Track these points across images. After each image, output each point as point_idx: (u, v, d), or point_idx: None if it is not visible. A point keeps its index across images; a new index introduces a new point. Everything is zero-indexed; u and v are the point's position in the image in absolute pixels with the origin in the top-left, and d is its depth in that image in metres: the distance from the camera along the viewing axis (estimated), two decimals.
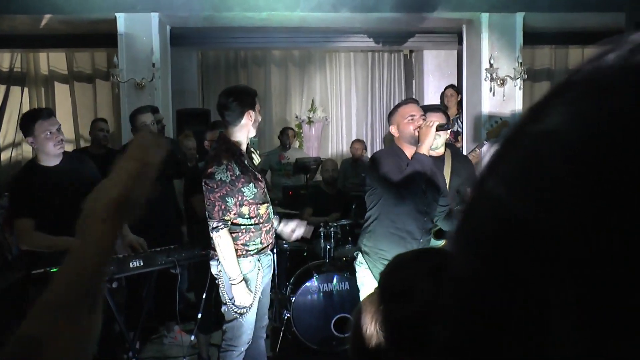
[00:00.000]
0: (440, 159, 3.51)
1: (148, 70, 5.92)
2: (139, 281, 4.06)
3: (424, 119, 3.18)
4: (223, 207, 3.17)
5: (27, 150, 8.72)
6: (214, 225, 3.17)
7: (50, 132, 3.50)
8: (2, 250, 5.11)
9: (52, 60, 8.67)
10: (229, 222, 3.21)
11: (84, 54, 8.62)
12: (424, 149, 3.09)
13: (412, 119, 3.17)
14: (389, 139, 8.28)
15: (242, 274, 3.24)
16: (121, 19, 6.03)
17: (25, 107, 8.66)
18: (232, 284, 3.22)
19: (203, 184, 3.23)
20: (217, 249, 3.21)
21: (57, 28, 6.77)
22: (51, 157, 3.60)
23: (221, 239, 3.18)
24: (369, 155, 7.99)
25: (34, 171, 3.63)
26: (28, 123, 3.52)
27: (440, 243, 3.41)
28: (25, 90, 8.68)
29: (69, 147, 7.78)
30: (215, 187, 3.16)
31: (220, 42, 7.67)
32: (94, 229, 0.87)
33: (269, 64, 9.30)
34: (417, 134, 3.14)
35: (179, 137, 5.88)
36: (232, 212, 3.22)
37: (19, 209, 3.59)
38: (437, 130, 3.12)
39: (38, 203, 3.53)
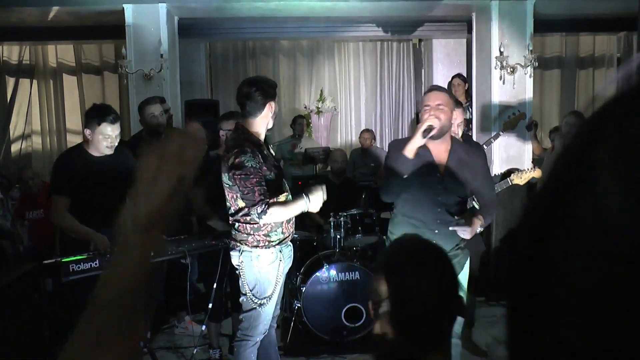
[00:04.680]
0: (470, 149, 3.42)
1: (156, 61, 5.91)
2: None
3: (440, 109, 3.07)
4: (262, 190, 3.13)
5: (36, 142, 8.76)
6: (260, 210, 3.10)
7: (109, 136, 3.72)
8: (13, 241, 5.14)
9: (60, 52, 8.69)
10: (269, 200, 3.17)
11: (92, 45, 8.64)
12: (406, 151, 3.05)
13: (425, 110, 3.13)
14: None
15: (305, 199, 3.23)
16: (129, 10, 6.01)
17: (35, 99, 8.70)
18: (309, 206, 3.21)
19: (233, 175, 3.17)
20: (284, 217, 3.21)
21: (65, 20, 6.76)
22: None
23: (273, 215, 3.14)
24: (378, 145, 7.99)
25: (80, 156, 3.82)
26: (95, 119, 3.73)
27: None
28: (34, 82, 8.71)
29: (77, 139, 7.81)
30: (249, 174, 3.12)
31: (229, 32, 7.64)
32: (135, 240, 0.88)
33: (278, 54, 9.27)
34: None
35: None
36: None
37: (58, 186, 3.77)
38: (423, 137, 3.03)
39: (76, 186, 3.69)
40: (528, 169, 4.19)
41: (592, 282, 0.36)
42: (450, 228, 3.09)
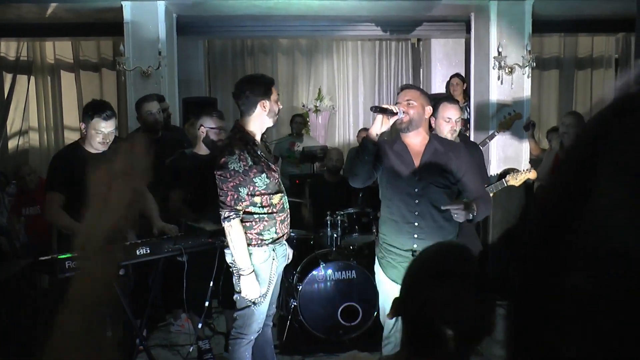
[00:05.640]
0: (450, 143, 3.45)
1: (154, 59, 5.90)
2: (145, 269, 4.06)
3: (409, 104, 3.14)
4: (236, 196, 3.15)
5: (33, 138, 8.74)
6: (226, 215, 3.14)
7: (101, 132, 3.71)
8: (10, 237, 5.14)
9: (58, 49, 8.67)
10: (241, 212, 3.19)
11: (90, 42, 8.61)
12: (368, 134, 3.16)
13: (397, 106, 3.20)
14: None
15: (253, 266, 3.21)
16: (127, 7, 6.00)
17: (32, 96, 8.68)
18: (241, 275, 3.19)
19: (216, 174, 3.19)
20: (228, 238, 3.19)
21: (63, 16, 6.75)
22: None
23: (232, 229, 3.15)
24: None
25: (76, 153, 3.82)
26: (89, 113, 3.75)
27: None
28: (32, 79, 8.69)
29: (74, 136, 7.79)
30: (228, 176, 3.13)
31: (227, 30, 7.64)
32: (94, 258, 0.89)
33: (276, 53, 9.26)
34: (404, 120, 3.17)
35: (185, 126, 5.87)
36: (244, 202, 3.20)
37: (53, 183, 3.77)
38: (372, 111, 3.15)
39: (72, 182, 3.68)
40: (523, 171, 4.18)
41: (598, 294, 0.36)
42: (443, 207, 3.07)
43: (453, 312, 1.29)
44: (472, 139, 6.02)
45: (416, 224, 3.13)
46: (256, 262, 3.26)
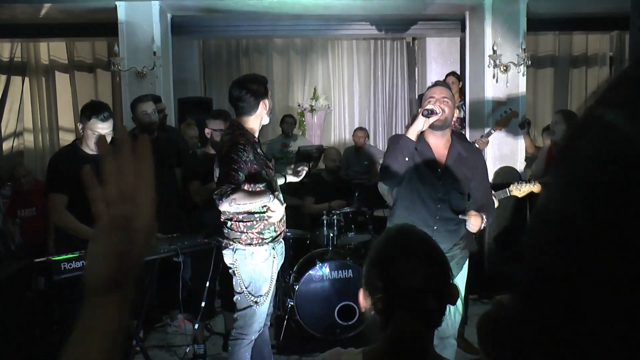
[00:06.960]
0: (469, 146, 3.44)
1: (149, 59, 5.88)
2: (141, 269, 4.04)
3: (445, 102, 3.13)
4: (236, 177, 3.10)
5: (28, 140, 8.72)
6: (223, 192, 3.05)
7: (98, 133, 3.68)
8: (5, 239, 5.11)
9: (52, 50, 8.64)
10: (234, 187, 3.12)
11: (85, 43, 8.59)
12: (409, 133, 3.10)
13: (430, 100, 3.16)
14: None
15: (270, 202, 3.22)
16: (121, 8, 5.98)
17: (26, 97, 8.65)
18: (271, 206, 3.20)
19: (218, 159, 3.21)
20: (245, 206, 3.15)
21: (57, 17, 6.73)
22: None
23: (237, 199, 3.07)
24: (371, 144, 7.99)
25: (74, 153, 3.80)
26: (87, 113, 3.72)
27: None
28: (26, 79, 8.66)
29: (69, 137, 7.77)
30: (231, 161, 3.13)
31: (222, 30, 7.63)
32: (97, 308, 0.78)
33: (271, 52, 9.26)
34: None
35: (181, 126, 5.86)
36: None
37: (54, 184, 3.75)
38: (424, 116, 3.08)
39: (70, 183, 3.66)
40: (529, 183, 4.19)
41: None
42: (461, 216, 3.10)
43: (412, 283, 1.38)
44: (468, 137, 6.02)
45: (435, 227, 3.11)
46: (258, 261, 3.27)
